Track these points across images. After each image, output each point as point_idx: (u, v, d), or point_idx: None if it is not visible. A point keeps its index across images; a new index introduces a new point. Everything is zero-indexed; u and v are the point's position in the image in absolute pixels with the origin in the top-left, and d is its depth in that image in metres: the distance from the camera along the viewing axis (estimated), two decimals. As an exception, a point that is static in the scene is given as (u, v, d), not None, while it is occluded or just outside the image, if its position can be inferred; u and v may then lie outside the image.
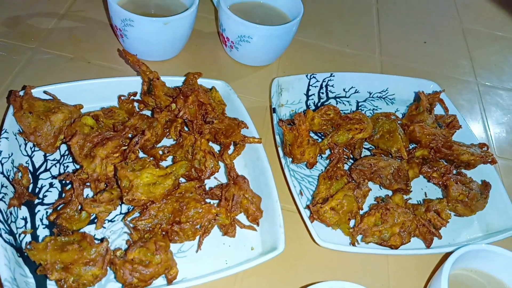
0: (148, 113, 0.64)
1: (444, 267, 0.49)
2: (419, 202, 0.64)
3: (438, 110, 0.73)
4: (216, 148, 0.62)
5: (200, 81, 0.63)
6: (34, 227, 0.51)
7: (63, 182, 0.55)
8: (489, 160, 0.65)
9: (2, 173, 0.50)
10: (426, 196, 0.65)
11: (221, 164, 0.59)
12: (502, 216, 0.62)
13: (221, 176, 0.60)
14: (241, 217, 0.56)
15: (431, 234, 0.58)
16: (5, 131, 0.53)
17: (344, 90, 0.75)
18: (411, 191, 0.62)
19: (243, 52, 0.74)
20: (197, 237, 0.53)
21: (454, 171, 0.65)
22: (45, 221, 0.51)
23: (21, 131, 0.55)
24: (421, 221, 0.58)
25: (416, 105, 0.70)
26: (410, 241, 0.57)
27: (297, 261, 0.55)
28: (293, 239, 0.56)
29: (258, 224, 0.55)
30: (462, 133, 0.69)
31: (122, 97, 0.63)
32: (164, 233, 0.51)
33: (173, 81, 0.64)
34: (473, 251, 0.51)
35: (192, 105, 0.59)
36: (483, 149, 0.67)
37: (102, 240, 0.48)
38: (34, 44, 0.70)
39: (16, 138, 0.54)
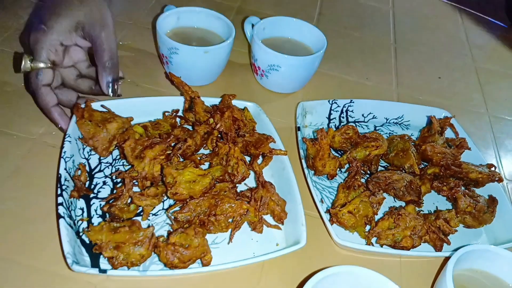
0: (189, 128, 0.73)
1: (448, 264, 0.54)
2: (430, 212, 0.69)
3: (449, 135, 0.79)
4: (247, 159, 0.70)
5: (234, 102, 0.72)
6: (89, 216, 0.59)
7: (114, 180, 0.63)
8: (496, 179, 0.71)
9: (66, 169, 0.59)
10: (437, 209, 0.71)
11: (250, 173, 0.67)
12: (510, 230, 0.67)
13: (250, 183, 0.68)
14: (268, 219, 0.63)
15: (440, 241, 0.64)
16: (69, 136, 0.62)
17: (363, 115, 0.82)
18: (423, 203, 0.68)
19: (272, 80, 0.83)
20: (229, 231, 0.61)
21: (463, 188, 0.71)
22: (99, 212, 0.60)
23: (81, 137, 0.65)
24: (431, 228, 0.64)
25: (428, 128, 0.77)
26: (420, 244, 0.62)
27: (316, 260, 0.61)
28: (314, 240, 0.62)
29: (282, 224, 0.62)
30: (471, 155, 0.76)
31: (166, 113, 0.72)
32: (201, 223, 0.59)
33: (211, 101, 0.73)
34: (477, 251, 0.56)
35: (227, 119, 0.68)
36: (491, 169, 0.72)
37: (148, 226, 0.56)
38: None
39: (76, 143, 0.64)
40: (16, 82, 0.75)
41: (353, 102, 0.82)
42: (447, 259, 0.59)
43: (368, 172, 0.73)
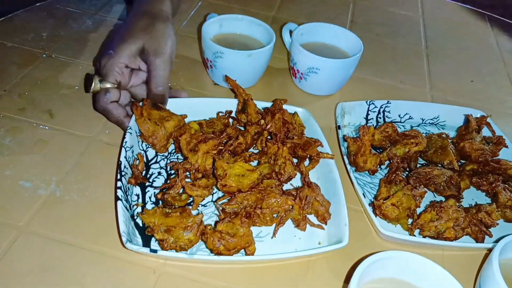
0: (241, 128, 0.76)
1: (494, 251, 0.56)
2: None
3: (485, 134, 0.81)
4: (294, 161, 0.73)
5: (285, 107, 0.76)
6: (144, 202, 0.63)
7: (169, 172, 0.67)
8: (535, 175, 0.72)
9: (125, 157, 0.63)
10: (477, 204, 0.72)
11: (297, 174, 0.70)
12: (550, 225, 0.68)
13: (296, 184, 0.70)
14: (311, 218, 0.65)
15: (482, 233, 0.65)
16: (130, 128, 0.67)
17: (399, 116, 0.85)
18: (463, 198, 0.70)
19: (311, 82, 0.87)
20: (273, 225, 0.63)
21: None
22: (153, 199, 0.64)
23: (139, 134, 0.69)
24: (473, 220, 0.66)
25: (465, 126, 0.79)
26: (463, 236, 0.64)
27: (361, 252, 0.63)
28: (357, 235, 0.64)
29: (326, 224, 0.64)
30: (508, 153, 0.77)
31: (220, 113, 0.76)
32: (247, 215, 0.62)
33: (263, 104, 0.77)
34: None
35: (278, 121, 0.71)
36: (529, 166, 0.74)
37: (197, 214, 0.60)
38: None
39: (136, 135, 0.68)
40: (73, 84, 0.81)
41: (390, 103, 0.84)
42: (489, 252, 0.61)
43: (408, 169, 0.75)
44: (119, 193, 0.59)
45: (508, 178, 0.73)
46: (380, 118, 0.84)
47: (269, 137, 0.73)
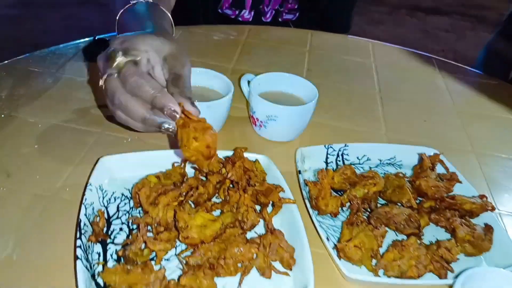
0: (203, 178, 0.76)
1: (455, 286, 0.57)
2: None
3: (439, 171, 0.84)
4: (257, 208, 0.73)
5: (246, 154, 0.77)
6: (105, 260, 0.62)
7: (130, 227, 0.66)
8: (489, 208, 0.75)
9: (85, 215, 0.62)
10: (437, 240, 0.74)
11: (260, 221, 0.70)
12: (508, 256, 0.70)
13: (260, 231, 0.71)
14: (276, 265, 0.65)
15: (444, 269, 0.67)
16: (90, 185, 0.66)
17: (357, 158, 0.88)
18: (423, 235, 0.72)
19: (270, 129, 0.89)
20: (238, 275, 0.63)
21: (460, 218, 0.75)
22: (114, 257, 0.63)
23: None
24: (434, 257, 0.67)
25: (420, 165, 0.82)
26: (425, 273, 0.65)
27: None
28: (323, 279, 0.64)
29: (291, 269, 0.64)
30: (463, 188, 0.80)
31: (176, 164, 0.76)
32: (211, 266, 0.61)
33: (224, 153, 0.78)
34: (479, 273, 0.60)
35: (239, 169, 0.72)
36: (483, 199, 0.77)
37: (160, 269, 0.59)
38: (100, 129, 0.87)
39: (97, 191, 0.68)
40: (33, 143, 0.80)
41: (348, 146, 0.87)
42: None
43: (369, 209, 0.77)
44: (79, 252, 0.58)
45: (464, 213, 0.75)
46: (339, 161, 0.87)
47: (231, 185, 0.74)
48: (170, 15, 0.85)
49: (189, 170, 0.77)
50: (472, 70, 1.33)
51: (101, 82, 0.63)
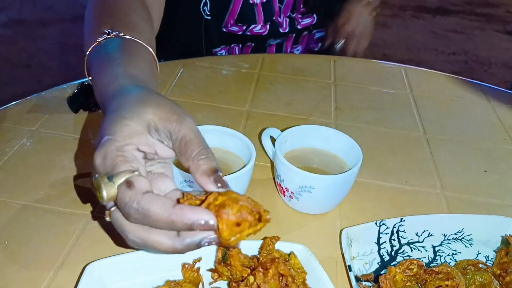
0: (223, 284, 0.58)
1: None
2: None
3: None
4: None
5: (278, 245, 0.59)
6: None
7: None
8: None
9: None
10: None
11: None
12: None
13: None
14: None
15: None
16: None
17: (416, 234, 0.69)
18: None
19: (303, 202, 0.70)
20: None
21: None
22: None
23: None
24: None
25: (505, 250, 0.63)
26: None
27: None
28: None
29: None
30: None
31: (186, 265, 0.58)
32: None
33: (249, 245, 0.59)
34: None
35: (273, 278, 0.53)
36: None
37: None
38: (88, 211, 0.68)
39: None
40: None
41: (404, 221, 0.68)
42: None
43: (445, 317, 0.58)
44: None
45: None
46: (394, 240, 0.68)
47: (262, 296, 0.55)
48: (151, 49, 0.65)
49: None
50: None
51: (107, 218, 0.46)
